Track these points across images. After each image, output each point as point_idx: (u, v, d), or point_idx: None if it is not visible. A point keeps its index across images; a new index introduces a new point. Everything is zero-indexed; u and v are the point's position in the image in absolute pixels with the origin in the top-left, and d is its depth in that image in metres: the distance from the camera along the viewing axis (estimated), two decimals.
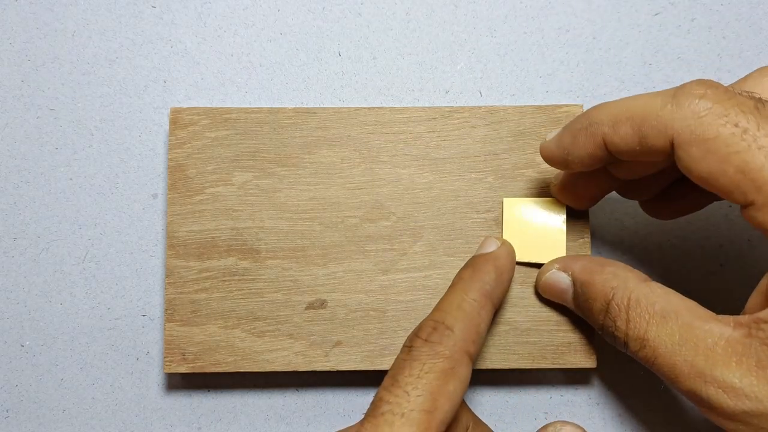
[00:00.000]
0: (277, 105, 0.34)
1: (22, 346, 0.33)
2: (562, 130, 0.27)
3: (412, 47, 0.34)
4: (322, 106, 0.34)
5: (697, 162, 0.23)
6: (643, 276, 0.27)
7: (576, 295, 0.28)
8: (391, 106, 0.34)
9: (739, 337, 0.23)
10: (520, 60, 0.34)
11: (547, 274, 0.29)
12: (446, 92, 0.34)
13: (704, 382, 0.23)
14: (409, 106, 0.34)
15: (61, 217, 0.33)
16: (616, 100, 0.25)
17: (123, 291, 0.33)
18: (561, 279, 0.29)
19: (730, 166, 0.22)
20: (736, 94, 0.23)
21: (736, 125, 0.22)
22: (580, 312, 0.29)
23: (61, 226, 0.33)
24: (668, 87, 0.34)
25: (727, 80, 0.34)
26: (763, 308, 0.23)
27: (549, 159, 0.28)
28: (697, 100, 0.23)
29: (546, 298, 0.30)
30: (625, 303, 0.26)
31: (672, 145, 0.23)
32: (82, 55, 0.34)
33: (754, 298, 0.24)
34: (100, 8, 0.34)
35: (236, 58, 0.34)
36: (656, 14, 0.34)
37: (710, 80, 0.23)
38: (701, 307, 0.25)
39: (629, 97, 0.25)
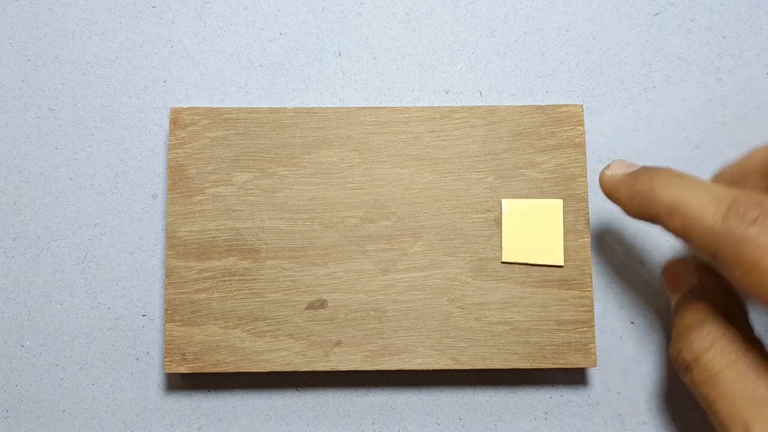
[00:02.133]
0: (277, 105, 0.34)
1: (22, 346, 0.33)
2: (628, 177, 0.27)
3: (412, 47, 0.34)
4: (322, 106, 0.34)
5: (739, 280, 0.23)
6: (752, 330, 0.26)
7: (680, 300, 0.27)
8: (391, 106, 0.34)
9: None
10: (520, 60, 0.34)
11: (678, 262, 0.29)
12: (446, 92, 0.34)
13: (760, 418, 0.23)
14: (409, 106, 0.34)
15: (61, 217, 0.33)
16: (679, 181, 0.25)
17: (123, 291, 0.33)
18: (692, 277, 0.28)
19: None
20: None
21: None
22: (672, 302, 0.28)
23: (61, 226, 0.33)
24: (668, 87, 0.34)
25: (727, 80, 0.34)
26: None
27: (608, 193, 0.28)
28: (745, 227, 0.23)
29: (662, 282, 0.29)
30: (720, 333, 0.25)
31: (715, 257, 0.23)
32: (82, 55, 0.34)
33: None
34: (100, 8, 0.34)
35: (236, 58, 0.34)
36: (656, 14, 0.34)
37: (763, 198, 0.23)
38: None
39: (692, 181, 0.25)
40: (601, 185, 0.29)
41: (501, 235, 0.31)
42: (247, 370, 0.30)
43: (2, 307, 0.33)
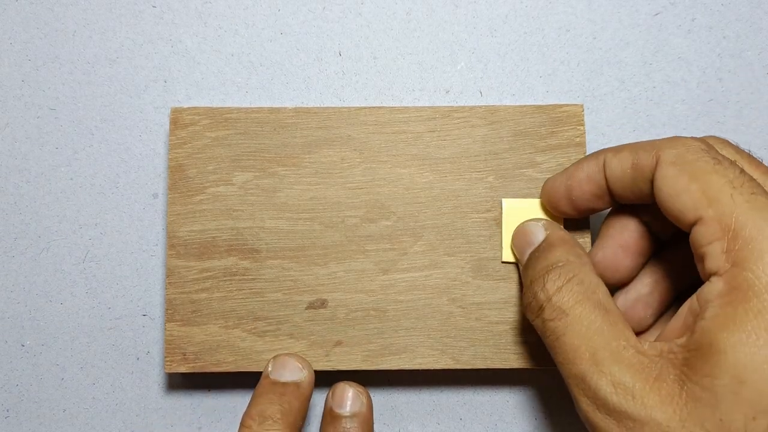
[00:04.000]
0: (277, 105, 0.34)
1: (23, 345, 0.33)
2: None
3: (412, 47, 0.34)
4: (322, 105, 0.34)
5: (670, 179, 0.24)
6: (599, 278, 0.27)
7: (533, 253, 0.28)
8: (391, 105, 0.34)
9: (649, 353, 0.24)
10: (520, 60, 0.34)
11: (529, 222, 0.30)
12: (446, 92, 0.34)
13: (599, 371, 0.24)
14: (410, 105, 0.34)
15: (61, 216, 0.33)
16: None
17: (123, 291, 0.33)
18: (538, 233, 0.29)
19: (696, 184, 0.24)
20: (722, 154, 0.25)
21: (715, 158, 0.24)
22: (522, 270, 0.29)
23: (61, 225, 0.33)
24: (668, 87, 0.34)
25: (727, 80, 0.34)
26: (680, 335, 0.24)
27: (551, 186, 0.29)
28: (690, 140, 0.25)
29: (511, 245, 0.30)
30: (568, 277, 0.26)
31: (656, 164, 0.25)
32: (83, 55, 0.34)
33: (674, 324, 0.25)
34: (100, 8, 0.34)
35: (236, 58, 0.34)
36: (656, 14, 0.34)
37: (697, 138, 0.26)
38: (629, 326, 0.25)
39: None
40: (544, 190, 0.30)
41: (501, 235, 0.31)
42: (247, 370, 0.30)
43: (2, 307, 0.33)
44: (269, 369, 0.29)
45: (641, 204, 0.28)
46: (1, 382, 0.33)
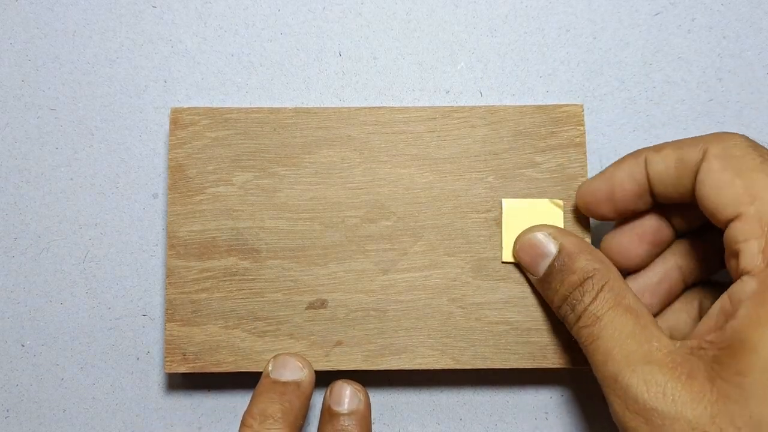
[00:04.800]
0: (277, 105, 0.34)
1: (23, 345, 0.33)
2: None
3: (412, 47, 0.34)
4: (322, 106, 0.34)
5: (714, 173, 0.25)
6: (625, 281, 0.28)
7: (553, 265, 0.28)
8: (391, 105, 0.34)
9: (681, 352, 0.24)
10: (520, 60, 0.34)
11: (536, 234, 0.29)
12: (446, 92, 0.34)
13: (631, 371, 0.24)
14: (409, 105, 0.34)
15: (61, 217, 0.33)
16: None
17: (123, 291, 0.33)
18: (548, 244, 0.29)
19: (741, 179, 0.24)
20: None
21: (762, 156, 0.24)
22: (542, 282, 0.29)
23: (61, 225, 0.33)
24: (668, 87, 0.34)
25: (727, 80, 0.34)
26: (711, 333, 0.24)
27: (591, 191, 0.29)
28: (737, 137, 0.25)
29: (515, 256, 0.30)
30: (600, 285, 0.26)
31: (702, 159, 0.25)
32: (83, 55, 0.34)
33: (705, 323, 0.25)
34: (100, 8, 0.34)
35: (236, 58, 0.34)
36: (656, 14, 0.34)
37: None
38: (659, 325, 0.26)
39: None
40: (582, 194, 0.30)
41: (501, 235, 0.31)
42: (247, 370, 0.30)
43: (2, 307, 0.33)
44: (269, 368, 0.29)
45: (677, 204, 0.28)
46: (1, 382, 0.33)
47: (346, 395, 0.29)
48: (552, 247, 0.29)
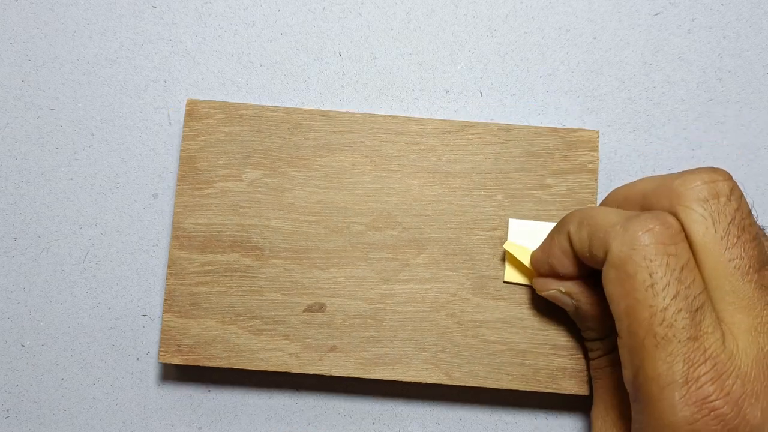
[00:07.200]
0: (277, 105, 0.34)
1: (23, 345, 0.33)
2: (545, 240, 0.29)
3: (412, 47, 0.34)
4: (323, 107, 0.34)
5: (607, 282, 0.25)
6: None
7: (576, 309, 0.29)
8: (392, 106, 0.34)
9: None
10: (520, 60, 0.34)
11: (551, 292, 0.29)
12: (446, 92, 0.34)
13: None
14: (412, 107, 0.34)
15: (61, 216, 0.33)
16: (593, 207, 0.28)
17: (123, 291, 0.33)
18: (566, 302, 0.29)
19: (625, 300, 0.24)
20: (677, 244, 0.24)
21: (650, 275, 0.23)
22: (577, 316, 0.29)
23: (61, 225, 0.33)
24: (668, 87, 0.34)
25: (727, 80, 0.34)
26: None
27: (535, 262, 0.29)
28: (641, 233, 0.24)
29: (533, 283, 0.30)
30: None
31: (605, 258, 0.25)
32: (83, 55, 0.34)
33: None
34: (100, 8, 0.34)
35: (236, 58, 0.34)
36: (656, 14, 0.34)
37: (662, 217, 0.24)
38: None
39: (601, 207, 0.28)
40: (531, 262, 0.30)
41: (505, 255, 0.31)
42: (240, 367, 0.30)
43: (2, 307, 0.33)
44: None
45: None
46: (1, 382, 0.33)
47: None
48: (570, 303, 0.29)
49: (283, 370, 0.30)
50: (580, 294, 0.28)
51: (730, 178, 0.25)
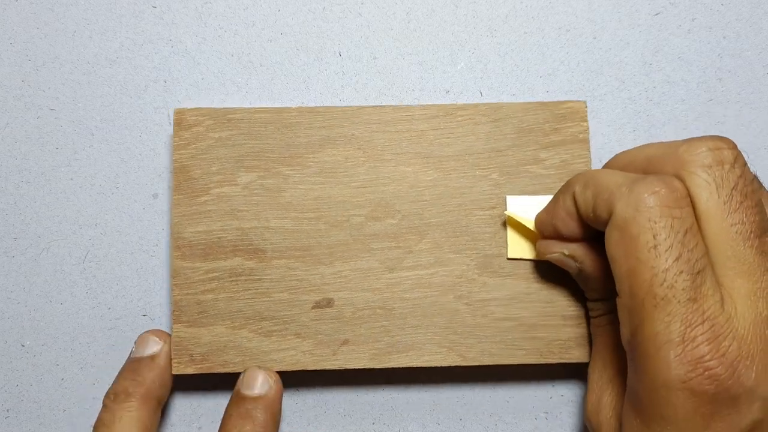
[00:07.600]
0: (277, 105, 0.34)
1: (23, 345, 0.33)
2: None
3: (412, 47, 0.34)
4: (324, 105, 0.34)
5: (610, 243, 0.25)
6: None
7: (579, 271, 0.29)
8: (393, 104, 0.34)
9: None
10: (520, 60, 0.34)
11: (556, 257, 0.29)
12: (447, 92, 0.34)
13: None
14: (412, 104, 0.34)
15: (61, 217, 0.33)
16: (599, 170, 0.28)
17: (123, 291, 0.33)
18: (570, 265, 0.29)
19: (627, 261, 0.24)
20: (682, 208, 0.24)
21: (654, 237, 0.23)
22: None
23: (61, 226, 0.33)
24: (668, 87, 0.34)
25: (727, 80, 0.34)
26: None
27: (540, 224, 0.30)
28: (646, 195, 0.24)
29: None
30: None
31: (609, 220, 0.25)
32: (83, 55, 0.34)
33: None
34: (100, 8, 0.34)
35: (236, 58, 0.34)
36: (656, 14, 0.34)
37: (668, 180, 0.24)
38: None
39: (607, 169, 0.28)
40: (535, 223, 0.30)
41: (506, 232, 0.31)
42: None
43: (2, 307, 0.33)
44: (132, 350, 0.30)
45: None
46: (1, 382, 0.33)
47: (258, 380, 0.29)
48: (574, 266, 0.29)
49: (298, 368, 0.30)
50: (584, 256, 0.28)
51: (734, 146, 0.25)
